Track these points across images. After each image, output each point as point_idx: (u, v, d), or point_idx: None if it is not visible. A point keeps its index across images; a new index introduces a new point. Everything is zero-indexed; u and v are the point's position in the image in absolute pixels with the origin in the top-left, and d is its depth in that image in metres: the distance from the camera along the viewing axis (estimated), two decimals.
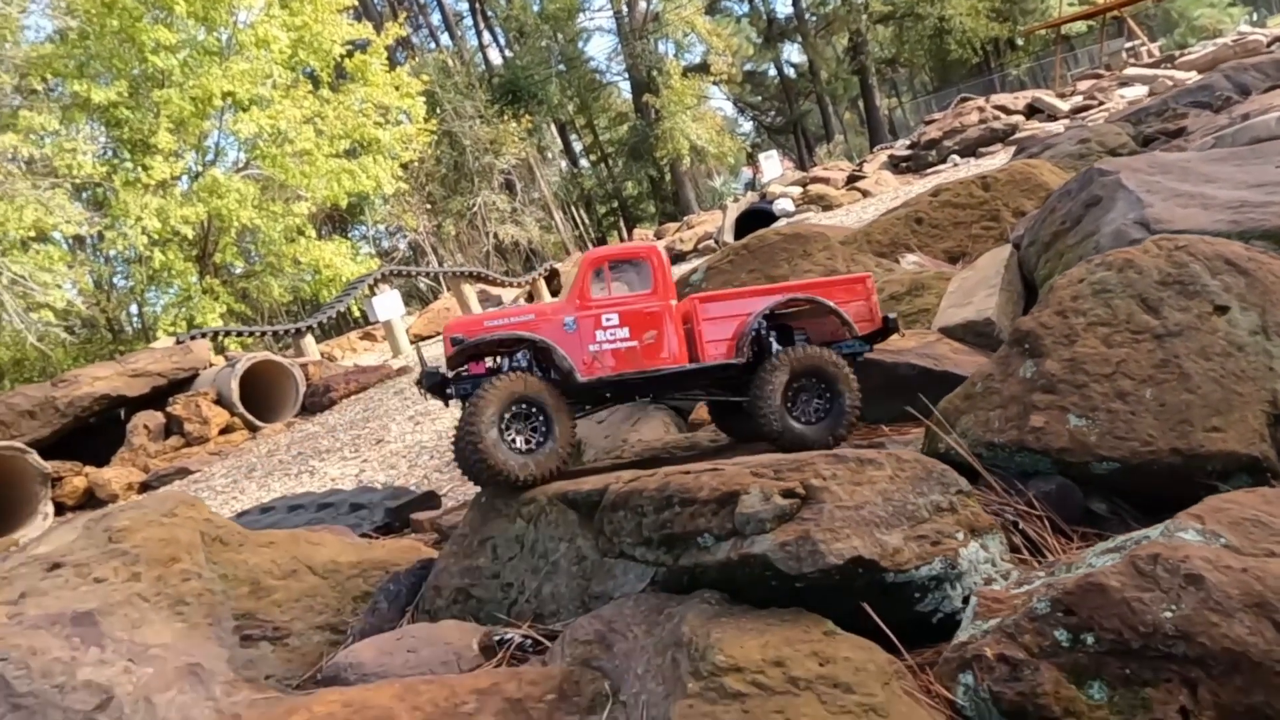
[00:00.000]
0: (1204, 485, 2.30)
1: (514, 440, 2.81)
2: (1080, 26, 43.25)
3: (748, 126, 55.11)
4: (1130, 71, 22.19)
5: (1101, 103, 19.56)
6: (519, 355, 2.97)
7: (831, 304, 3.01)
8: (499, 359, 3.06)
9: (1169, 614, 1.77)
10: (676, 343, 2.94)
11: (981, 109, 20.38)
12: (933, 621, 2.10)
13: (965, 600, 2.07)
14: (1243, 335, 2.42)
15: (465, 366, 3.07)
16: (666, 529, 2.20)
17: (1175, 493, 2.32)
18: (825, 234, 5.49)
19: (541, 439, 2.83)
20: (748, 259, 5.53)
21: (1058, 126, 18.95)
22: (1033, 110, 20.46)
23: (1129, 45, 32.62)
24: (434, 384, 3.06)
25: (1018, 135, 19.13)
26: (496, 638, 2.35)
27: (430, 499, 4.67)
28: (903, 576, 2.01)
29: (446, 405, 3.16)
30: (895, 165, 21.10)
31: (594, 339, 2.92)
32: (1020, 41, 46.89)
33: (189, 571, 2.98)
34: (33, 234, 23.41)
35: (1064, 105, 19.92)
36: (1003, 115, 19.99)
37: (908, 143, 22.14)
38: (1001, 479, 2.44)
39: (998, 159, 17.44)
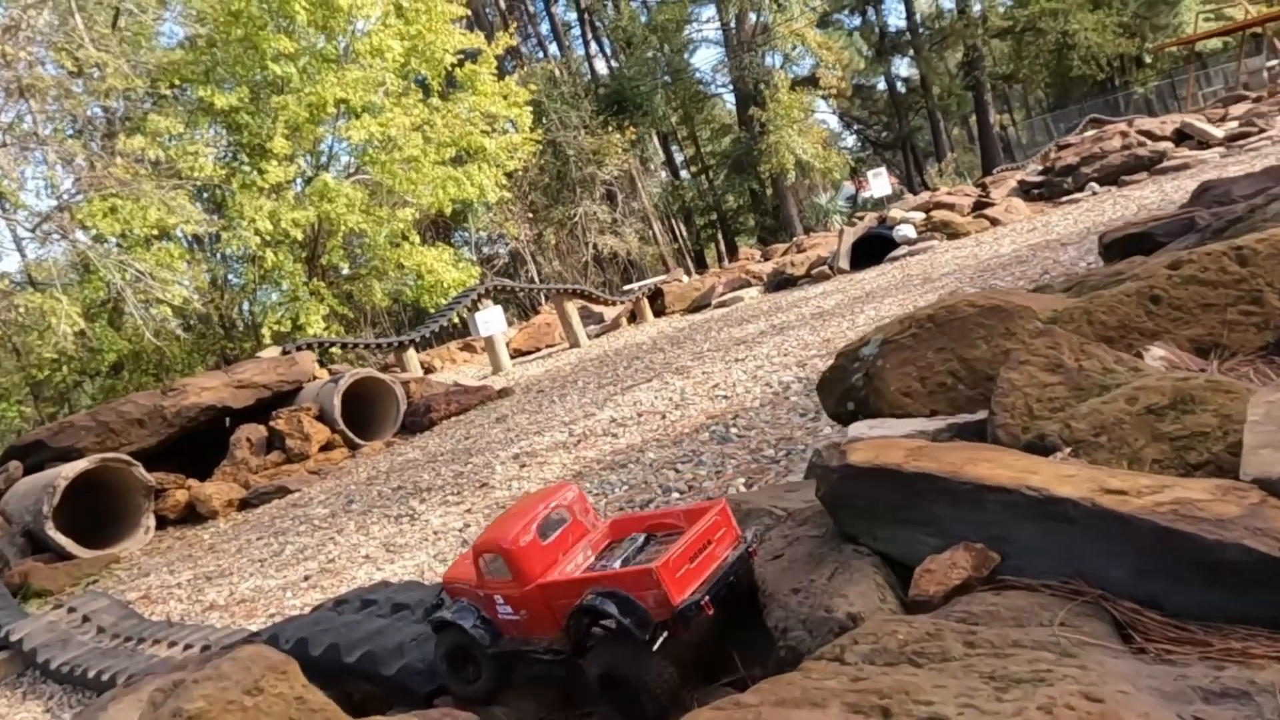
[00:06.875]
0: None
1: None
2: (1215, 44, 40.71)
3: (851, 141, 53.77)
4: None
5: (1262, 129, 17.95)
6: None
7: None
8: None
9: None
10: None
11: (1124, 134, 18.92)
12: None
13: None
14: None
15: None
16: None
17: None
18: (1029, 307, 4.64)
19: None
20: (935, 335, 4.71)
21: (1212, 155, 17.49)
22: (1182, 136, 18.92)
23: (1270, 64, 30.44)
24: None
25: (1165, 164, 17.70)
26: None
27: None
28: None
29: None
30: (1026, 192, 19.77)
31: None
32: (1149, 59, 44.47)
33: None
34: (155, 232, 24.05)
35: (1218, 132, 18.34)
36: (1149, 141, 18.51)
37: (1039, 168, 20.75)
38: None
39: (1146, 190, 16.10)
